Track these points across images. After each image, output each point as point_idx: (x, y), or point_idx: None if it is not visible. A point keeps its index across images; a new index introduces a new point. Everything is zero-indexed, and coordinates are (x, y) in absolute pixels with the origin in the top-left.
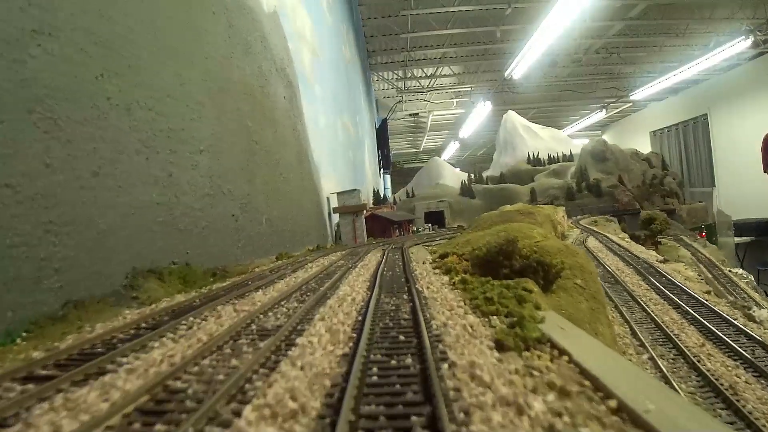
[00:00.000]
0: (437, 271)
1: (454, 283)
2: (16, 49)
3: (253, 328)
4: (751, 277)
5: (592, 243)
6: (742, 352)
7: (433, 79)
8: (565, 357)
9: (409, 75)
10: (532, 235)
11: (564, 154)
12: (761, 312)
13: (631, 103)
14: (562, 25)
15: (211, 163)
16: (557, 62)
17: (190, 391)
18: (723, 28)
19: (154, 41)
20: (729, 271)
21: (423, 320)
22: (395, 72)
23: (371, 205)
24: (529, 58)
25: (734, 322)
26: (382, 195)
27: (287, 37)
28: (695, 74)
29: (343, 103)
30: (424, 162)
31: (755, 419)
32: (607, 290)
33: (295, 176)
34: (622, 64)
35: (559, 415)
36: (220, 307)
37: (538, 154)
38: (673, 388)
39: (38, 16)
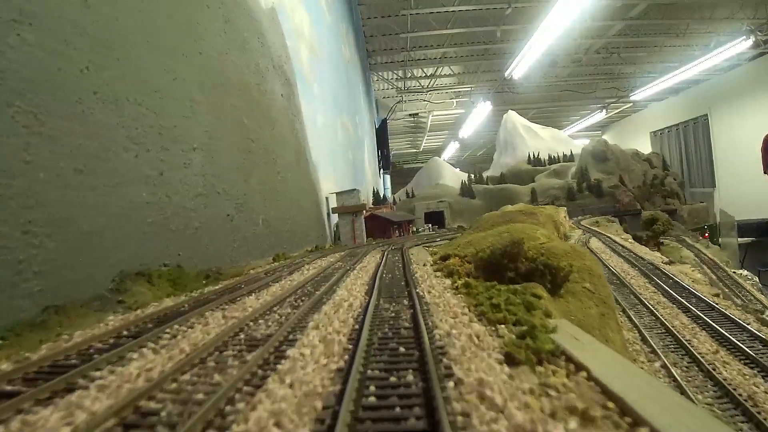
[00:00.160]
0: (439, 273)
1: (457, 287)
2: None
3: (242, 337)
4: (756, 279)
5: (595, 244)
6: (759, 360)
7: (433, 79)
8: (582, 373)
9: (409, 75)
10: (536, 236)
11: (564, 155)
12: None
13: (632, 104)
14: (563, 25)
15: (205, 161)
16: (557, 62)
17: (164, 413)
18: (723, 28)
19: (144, 34)
20: (733, 272)
21: (425, 329)
22: (395, 72)
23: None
24: (529, 58)
25: (748, 327)
26: (381, 195)
27: (285, 34)
28: (696, 74)
29: (342, 102)
30: (423, 162)
31: None
32: (614, 293)
33: (293, 176)
34: (622, 64)
35: None
36: (209, 313)
37: (539, 154)
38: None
39: (18, 4)
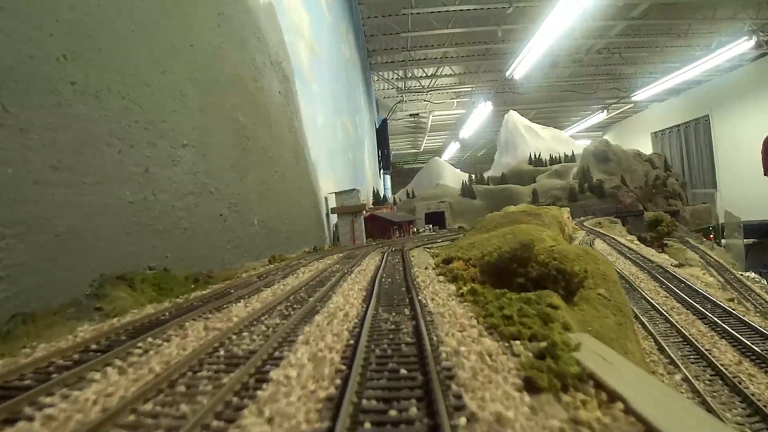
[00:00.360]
0: (442, 278)
1: (463, 294)
2: None
3: (221, 354)
4: (765, 281)
5: (600, 246)
6: None
7: (434, 79)
8: (618, 404)
9: (410, 75)
10: (542, 238)
11: (566, 155)
12: None
13: (633, 104)
14: (564, 25)
15: (197, 158)
16: (558, 62)
17: None
18: (725, 28)
19: (130, 23)
20: (740, 274)
21: (429, 346)
22: (395, 72)
23: (371, 206)
24: (530, 58)
25: None
26: (381, 195)
27: (283, 31)
28: (697, 75)
29: (342, 102)
30: (424, 163)
31: None
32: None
33: (291, 175)
34: (623, 65)
35: None
36: (190, 323)
37: (540, 155)
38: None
39: None
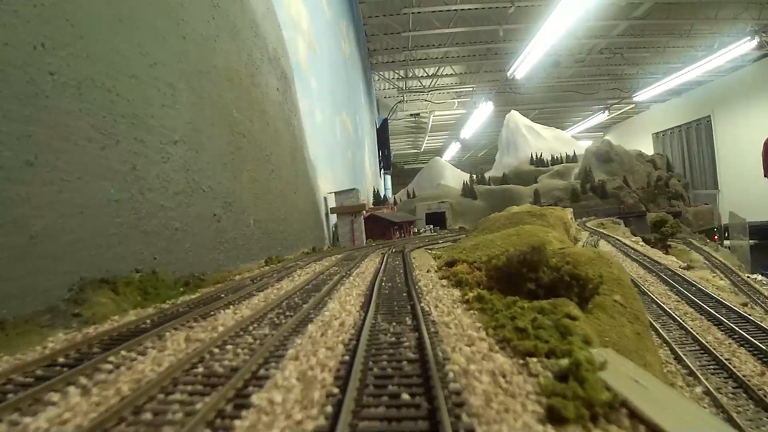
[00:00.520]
0: (445, 282)
1: (469, 301)
2: None
3: (200, 371)
4: None
5: (605, 247)
6: None
7: (435, 79)
8: None
9: (411, 74)
10: (548, 240)
11: (567, 155)
12: None
13: (634, 105)
14: (566, 25)
15: (188, 155)
16: (560, 62)
17: None
18: (728, 28)
19: (116, 12)
20: (748, 277)
21: (434, 364)
22: (396, 71)
23: (371, 206)
24: (531, 58)
25: None
26: (382, 195)
27: (281, 26)
28: (699, 75)
29: (342, 100)
30: (424, 163)
31: None
32: None
33: (288, 174)
34: (625, 65)
35: None
36: (171, 333)
37: (541, 155)
38: None
39: None
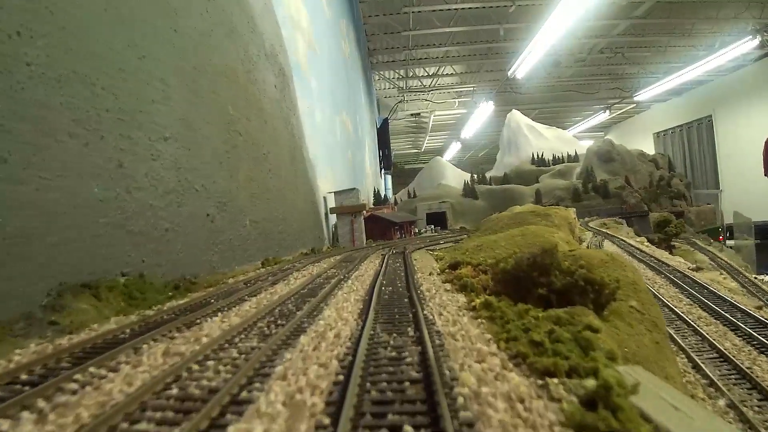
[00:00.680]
0: (449, 286)
1: (475, 308)
2: None
3: (173, 393)
4: None
5: (610, 248)
6: None
7: (435, 79)
8: None
9: (411, 74)
10: (555, 241)
11: (569, 155)
12: None
13: (635, 104)
14: (567, 24)
15: (180, 153)
16: (560, 62)
17: None
18: (729, 28)
19: (102, 1)
20: (755, 278)
21: (441, 385)
22: (397, 71)
23: (371, 206)
24: (532, 58)
25: None
26: (382, 195)
27: (280, 23)
28: (700, 75)
29: (342, 100)
30: (425, 163)
31: None
32: None
33: (287, 173)
34: (626, 65)
35: None
36: (149, 345)
37: (543, 155)
38: None
39: None
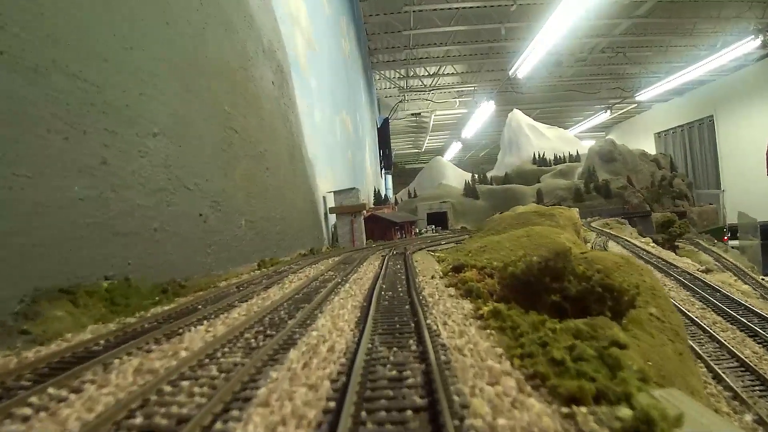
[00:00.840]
0: (453, 290)
1: (483, 316)
2: None
3: (137, 422)
4: None
5: (615, 249)
6: None
7: (436, 78)
8: None
9: (412, 74)
10: (562, 242)
11: (570, 155)
12: None
13: (636, 104)
14: (568, 23)
15: (170, 150)
16: (562, 62)
17: None
18: (731, 27)
19: None
20: (762, 279)
21: (449, 416)
22: (397, 71)
23: (371, 206)
24: (533, 57)
25: None
26: (383, 195)
27: (279, 19)
28: (701, 75)
29: (342, 100)
30: (425, 162)
31: None
32: None
33: (285, 172)
34: (627, 64)
35: None
36: (122, 359)
37: (544, 154)
38: None
39: None
